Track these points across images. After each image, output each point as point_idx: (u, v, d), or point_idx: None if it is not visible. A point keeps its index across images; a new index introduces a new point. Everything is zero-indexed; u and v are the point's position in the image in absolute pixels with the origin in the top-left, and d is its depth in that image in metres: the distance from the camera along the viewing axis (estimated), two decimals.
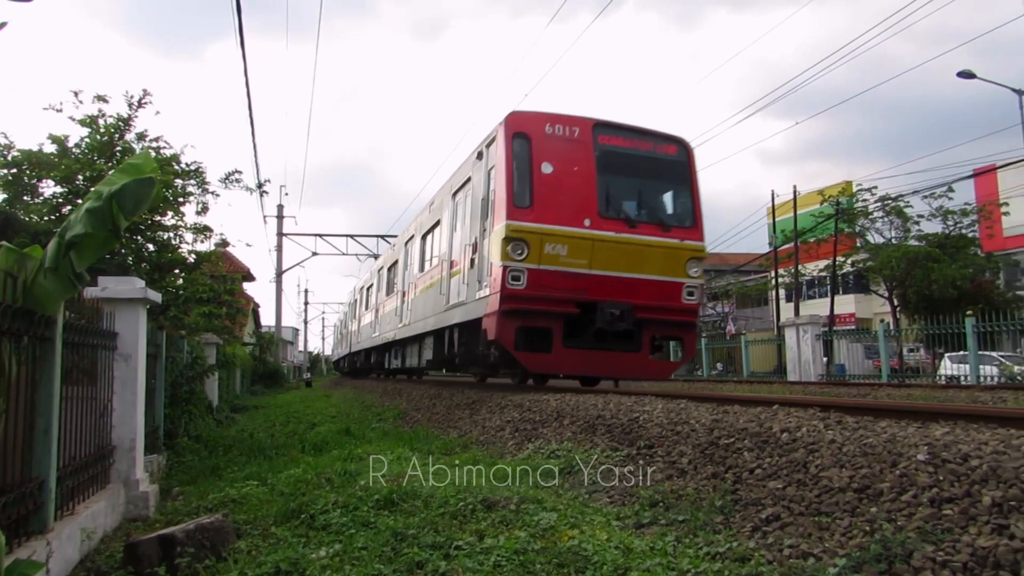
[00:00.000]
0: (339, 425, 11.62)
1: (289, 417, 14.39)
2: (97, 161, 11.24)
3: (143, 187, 3.80)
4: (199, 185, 12.96)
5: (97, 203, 3.67)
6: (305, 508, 5.25)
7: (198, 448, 9.08)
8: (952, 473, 3.77)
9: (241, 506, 5.72)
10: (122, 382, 5.94)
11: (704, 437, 5.89)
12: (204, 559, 4.14)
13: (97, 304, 5.64)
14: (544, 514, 4.76)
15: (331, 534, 4.63)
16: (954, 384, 16.90)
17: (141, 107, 11.84)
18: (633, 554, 3.89)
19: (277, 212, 38.38)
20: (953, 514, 3.45)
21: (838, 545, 3.65)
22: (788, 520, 4.13)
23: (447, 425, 10.73)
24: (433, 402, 13.62)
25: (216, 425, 12.24)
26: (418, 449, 8.17)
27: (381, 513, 5.01)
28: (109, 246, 4.51)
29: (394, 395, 17.67)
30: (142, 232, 11.77)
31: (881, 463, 4.21)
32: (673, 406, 7.31)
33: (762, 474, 4.84)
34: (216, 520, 4.61)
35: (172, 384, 9.15)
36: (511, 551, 3.97)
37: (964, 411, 5.68)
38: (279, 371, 37.51)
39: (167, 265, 12.16)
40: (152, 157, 4.12)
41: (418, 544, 4.24)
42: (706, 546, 3.99)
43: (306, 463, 7.49)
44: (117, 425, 5.85)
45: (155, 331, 8.06)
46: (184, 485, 6.95)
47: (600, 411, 7.95)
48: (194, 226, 12.89)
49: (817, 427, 5.22)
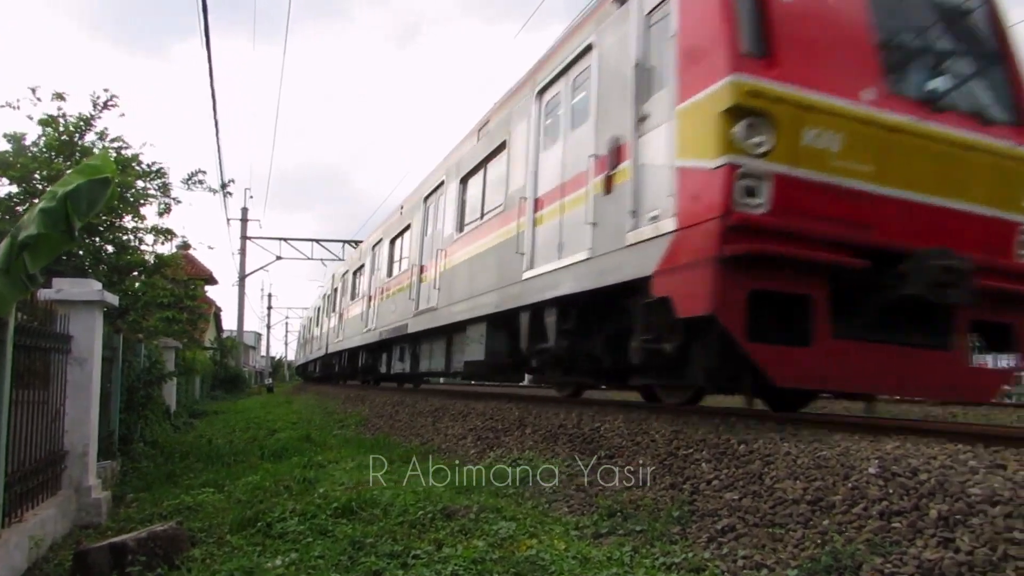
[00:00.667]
0: (300, 431, 11.49)
1: (249, 423, 14.19)
2: (56, 160, 11.01)
3: (98, 187, 3.75)
4: (161, 187, 12.75)
5: (51, 203, 3.61)
6: (262, 516, 5.19)
7: (154, 454, 8.93)
8: (901, 487, 3.86)
9: (196, 514, 5.64)
10: (76, 386, 5.82)
11: (664, 448, 5.95)
12: (156, 568, 4.07)
13: (51, 306, 5.52)
14: (503, 523, 4.77)
15: (288, 543, 4.58)
16: (908, 399, 17.26)
17: (107, 108, 11.63)
18: (590, 564, 3.92)
19: (241, 215, 37.89)
20: (902, 527, 3.53)
21: (791, 556, 3.72)
22: (743, 531, 4.19)
23: (410, 433, 10.68)
24: (396, 409, 13.54)
25: (174, 431, 12.04)
26: (380, 456, 8.12)
27: (339, 521, 4.98)
28: (64, 247, 4.43)
29: (357, 401, 17.53)
30: (100, 233, 11.54)
31: (834, 476, 4.30)
32: (634, 416, 7.37)
33: (719, 485, 4.90)
34: (170, 528, 4.53)
35: (128, 389, 8.98)
36: (469, 560, 3.98)
37: (916, 426, 5.81)
38: (240, 376, 36.98)
39: (126, 267, 11.93)
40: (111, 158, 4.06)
41: (376, 553, 4.22)
42: (662, 556, 4.04)
43: (265, 470, 7.40)
44: (70, 430, 5.73)
45: (112, 335, 7.91)
46: (138, 492, 6.82)
47: (562, 420, 7.98)
48: (154, 228, 12.67)
49: (774, 439, 5.30)
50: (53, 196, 3.67)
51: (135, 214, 12.18)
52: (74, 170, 3.97)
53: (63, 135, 11.27)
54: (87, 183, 3.67)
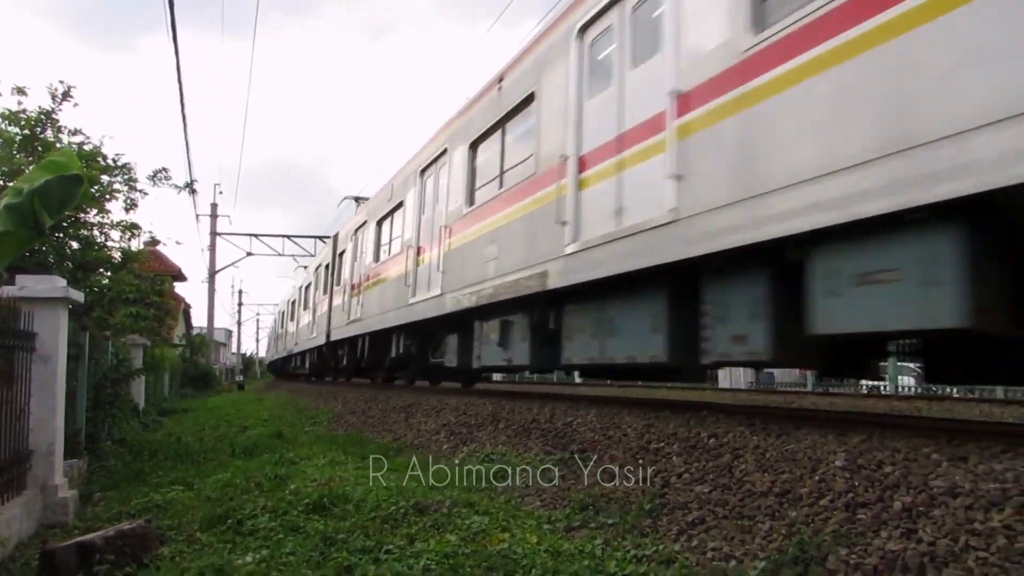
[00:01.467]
0: (271, 428, 11.40)
1: (219, 420, 14.05)
2: (16, 156, 10.80)
3: (69, 185, 3.69)
4: (127, 182, 12.56)
5: (17, 199, 3.54)
6: (232, 513, 5.15)
7: (122, 452, 8.80)
8: (867, 479, 3.93)
9: (166, 512, 5.57)
10: (40, 384, 5.72)
11: (635, 442, 6.00)
12: (125, 566, 4.02)
13: (14, 303, 5.42)
14: (476, 518, 4.79)
15: (259, 539, 4.56)
16: (875, 393, 17.58)
17: (65, 100, 11.42)
18: (562, 557, 3.95)
19: (211, 211, 37.43)
20: (866, 519, 3.60)
21: (759, 548, 3.77)
22: (713, 523, 4.25)
23: (382, 428, 10.65)
24: (368, 405, 13.49)
25: (142, 429, 11.87)
26: (352, 453, 8.09)
27: (311, 517, 4.96)
28: (31, 244, 4.36)
29: (329, 398, 17.42)
30: (64, 229, 11.34)
31: (801, 469, 4.37)
32: (607, 411, 7.42)
33: (690, 478, 4.96)
34: (138, 526, 4.48)
35: (95, 387, 8.84)
36: (441, 555, 3.99)
37: (882, 420, 5.92)
38: (210, 373, 36.52)
39: (91, 264, 11.74)
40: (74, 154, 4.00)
41: (347, 548, 4.21)
42: (634, 549, 4.08)
43: (235, 467, 7.33)
44: (35, 429, 5.64)
45: (77, 332, 7.78)
46: (106, 490, 6.72)
47: (535, 415, 8.02)
48: (121, 224, 12.48)
49: (743, 432, 5.38)
50: (18, 192, 3.61)
51: (100, 209, 11.99)
52: (38, 166, 3.91)
53: (24, 130, 11.05)
54: (57, 180, 3.61)
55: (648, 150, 6.31)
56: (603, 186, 6.93)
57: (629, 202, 6.51)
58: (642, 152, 6.39)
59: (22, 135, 11.00)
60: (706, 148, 5.53)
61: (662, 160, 6.01)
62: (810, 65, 4.66)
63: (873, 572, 3.19)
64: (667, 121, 5.96)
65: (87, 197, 10.36)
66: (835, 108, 4.48)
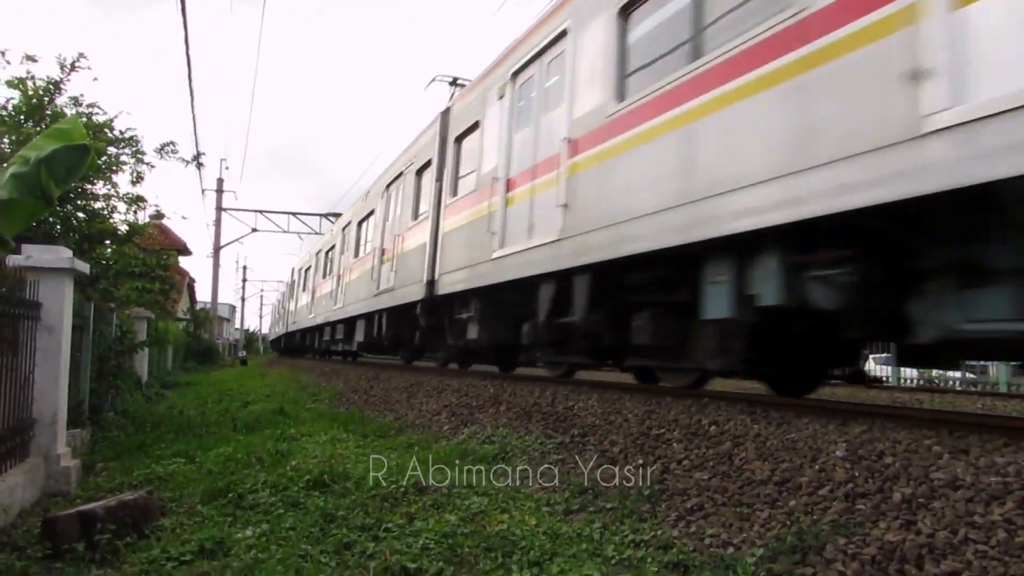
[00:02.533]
0: (273, 404, 11.44)
1: (222, 395, 14.11)
2: (25, 124, 10.78)
3: (76, 154, 3.68)
4: (134, 155, 12.55)
5: (24, 168, 3.53)
6: (233, 487, 5.18)
7: (125, 424, 8.85)
8: (867, 469, 3.93)
9: (167, 483, 5.61)
10: (45, 354, 5.74)
11: (636, 427, 6.01)
12: (125, 536, 4.05)
13: (20, 273, 5.43)
14: (475, 498, 4.82)
15: (259, 514, 4.58)
16: (877, 384, 17.56)
17: (74, 70, 11.38)
18: (560, 539, 3.96)
19: (216, 186, 37.44)
20: (866, 509, 3.60)
21: (757, 535, 3.78)
22: (711, 510, 4.26)
23: (384, 408, 10.68)
24: (371, 384, 13.53)
25: (145, 401, 11.93)
26: (353, 431, 8.12)
27: (311, 494, 4.98)
28: (39, 214, 4.35)
29: (331, 376, 17.49)
30: (71, 200, 11.34)
31: (802, 458, 4.37)
32: (608, 396, 7.43)
33: (689, 465, 4.96)
34: (140, 497, 4.51)
35: (99, 358, 8.87)
36: (440, 534, 4.01)
37: (883, 411, 5.91)
38: (213, 348, 36.70)
39: (97, 235, 11.74)
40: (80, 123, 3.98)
41: (347, 525, 4.23)
42: (632, 533, 4.09)
43: (237, 442, 7.37)
44: (38, 398, 5.66)
45: (82, 303, 7.80)
46: (108, 461, 6.77)
47: (536, 399, 8.03)
48: (127, 196, 12.48)
49: (744, 421, 5.38)
50: (26, 161, 3.60)
51: (107, 181, 12.00)
52: (44, 134, 3.89)
53: (32, 98, 11.02)
54: (63, 149, 3.60)
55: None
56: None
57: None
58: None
59: (29, 104, 10.98)
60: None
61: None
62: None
63: (871, 562, 3.20)
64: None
65: (94, 167, 10.36)
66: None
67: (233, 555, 3.75)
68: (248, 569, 3.49)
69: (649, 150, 6.38)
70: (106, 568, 3.73)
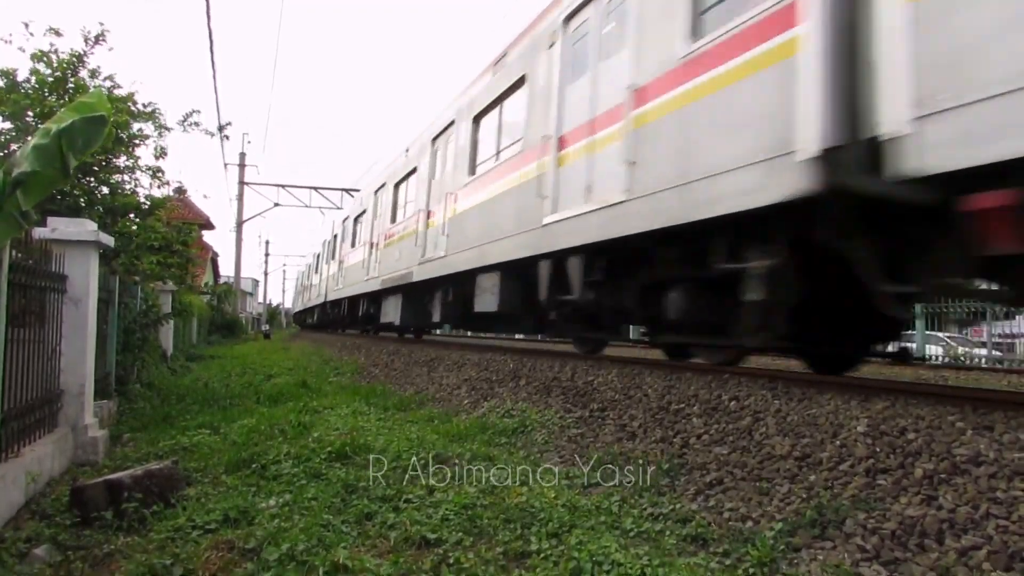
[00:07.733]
0: (296, 378, 11.57)
1: (245, 368, 14.29)
2: (49, 98, 10.86)
3: (93, 125, 3.69)
4: (156, 128, 12.60)
5: (44, 140, 3.56)
6: (257, 458, 5.25)
7: (150, 396, 8.99)
8: (889, 445, 3.90)
9: (192, 454, 5.70)
10: (72, 326, 5.83)
11: (656, 402, 6.00)
12: (151, 505, 4.13)
13: (47, 246, 5.50)
14: (495, 471, 4.84)
15: (282, 484, 4.65)
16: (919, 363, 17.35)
17: (98, 43, 11.42)
18: (579, 512, 3.98)
19: (239, 160, 37.56)
20: (887, 484, 3.58)
21: (776, 510, 3.77)
22: (730, 485, 4.25)
23: (404, 381, 10.76)
24: (392, 358, 13.63)
25: (170, 373, 12.11)
26: (374, 404, 8.20)
27: (333, 465, 5.04)
28: (57, 185, 4.39)
29: (353, 350, 17.62)
30: (95, 174, 11.44)
31: (822, 434, 4.35)
32: (628, 371, 7.42)
33: (709, 440, 4.96)
34: (165, 467, 4.59)
35: (125, 331, 9.00)
36: (460, 506, 4.04)
37: (906, 388, 5.85)
38: (237, 322, 37.07)
39: (120, 209, 11.85)
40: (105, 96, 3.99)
41: (368, 496, 4.28)
42: (650, 507, 4.10)
43: (260, 414, 7.47)
44: (66, 369, 5.76)
45: (108, 276, 7.89)
46: (135, 432, 6.89)
47: (556, 373, 8.04)
48: (149, 169, 12.57)
49: (765, 396, 5.35)
50: (46, 133, 3.62)
51: (129, 155, 12.07)
52: (67, 107, 3.91)
53: (56, 72, 11.09)
54: (81, 121, 3.62)
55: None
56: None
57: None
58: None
59: (53, 77, 11.04)
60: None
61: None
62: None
63: (891, 536, 3.19)
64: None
65: (110, 138, 10.41)
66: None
67: (257, 524, 3.81)
68: (271, 538, 3.54)
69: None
70: (133, 535, 3.80)
